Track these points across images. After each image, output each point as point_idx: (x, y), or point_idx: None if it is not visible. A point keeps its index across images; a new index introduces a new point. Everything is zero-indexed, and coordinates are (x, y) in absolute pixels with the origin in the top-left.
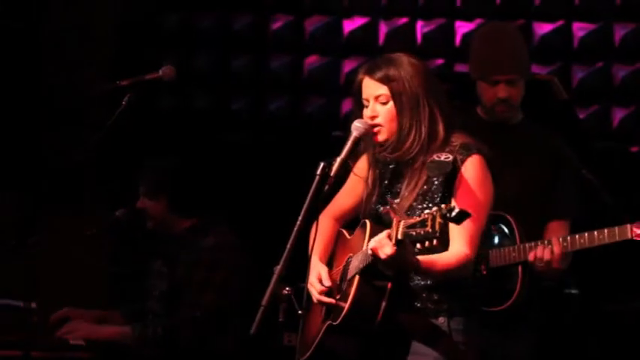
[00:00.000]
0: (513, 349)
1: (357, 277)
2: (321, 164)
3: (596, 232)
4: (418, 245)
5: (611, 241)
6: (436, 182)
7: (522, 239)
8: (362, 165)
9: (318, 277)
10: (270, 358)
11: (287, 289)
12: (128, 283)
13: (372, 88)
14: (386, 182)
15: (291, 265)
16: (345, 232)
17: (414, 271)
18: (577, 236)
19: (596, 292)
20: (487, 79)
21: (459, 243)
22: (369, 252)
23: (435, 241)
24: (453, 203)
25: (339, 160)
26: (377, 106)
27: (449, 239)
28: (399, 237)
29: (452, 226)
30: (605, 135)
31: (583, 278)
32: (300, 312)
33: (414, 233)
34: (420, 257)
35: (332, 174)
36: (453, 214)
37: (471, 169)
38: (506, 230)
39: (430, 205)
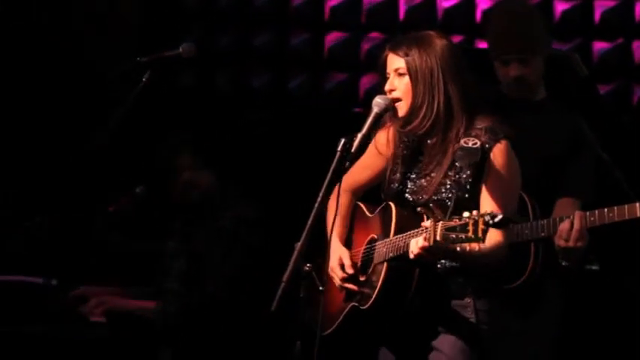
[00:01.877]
0: (535, 328)
1: (385, 265)
2: (342, 140)
3: (606, 210)
4: (458, 248)
5: (621, 219)
6: (466, 170)
7: (536, 215)
8: (382, 140)
9: (339, 262)
10: (290, 335)
11: (308, 265)
12: (146, 261)
13: (393, 62)
14: (408, 161)
15: (312, 241)
16: (363, 207)
17: (453, 259)
18: (606, 210)
19: (617, 268)
20: (499, 57)
21: (493, 230)
22: (409, 252)
23: (477, 247)
24: (484, 195)
25: (359, 136)
26: (395, 79)
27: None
28: (438, 239)
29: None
30: (626, 111)
31: (604, 254)
32: (320, 288)
33: (454, 236)
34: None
35: (353, 150)
36: (496, 220)
37: (500, 156)
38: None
39: (459, 191)
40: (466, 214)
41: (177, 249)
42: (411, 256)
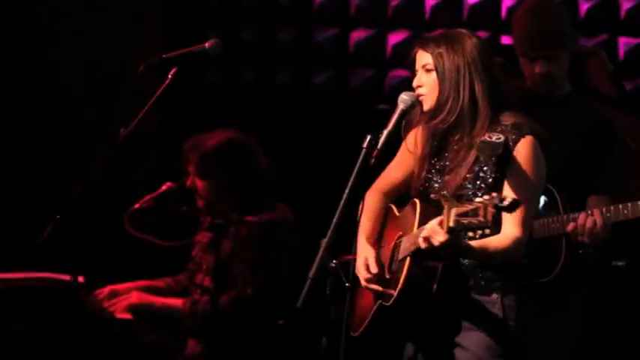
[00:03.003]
0: (562, 324)
1: (407, 260)
2: (368, 137)
3: (621, 206)
4: (470, 233)
5: (635, 217)
6: (488, 164)
7: (566, 210)
8: (411, 140)
9: (365, 262)
10: (317, 332)
11: (334, 262)
12: (175, 256)
13: (421, 58)
14: (433, 159)
15: (338, 238)
16: (394, 207)
17: (466, 256)
18: (620, 206)
19: None
20: (526, 55)
21: (511, 226)
22: (421, 239)
23: (487, 230)
24: (506, 190)
25: (385, 132)
26: (423, 75)
27: (501, 221)
28: (451, 225)
29: None
30: None
31: (630, 250)
32: (347, 285)
33: (465, 222)
34: (472, 242)
35: (379, 147)
36: (505, 203)
37: (524, 151)
38: (548, 201)
39: (482, 186)
40: (478, 199)
41: (208, 244)
42: (423, 245)
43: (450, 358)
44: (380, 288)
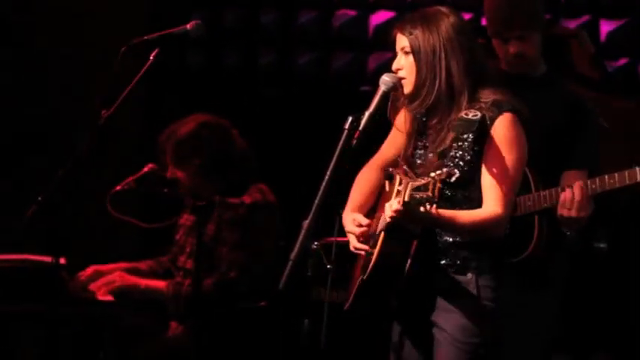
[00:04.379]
0: (537, 304)
1: (382, 234)
2: (350, 118)
3: (607, 176)
4: (421, 208)
5: (622, 185)
6: (466, 142)
7: (538, 188)
8: (401, 119)
9: (354, 222)
10: (299, 313)
11: (316, 243)
12: (158, 238)
13: (399, 41)
14: (418, 138)
15: (320, 219)
16: (387, 183)
17: (432, 224)
18: (606, 177)
19: (626, 246)
20: (497, 35)
21: (490, 201)
22: (386, 212)
23: (434, 206)
24: (484, 167)
25: (367, 114)
26: (402, 58)
27: (478, 197)
28: (406, 199)
29: (484, 185)
30: (633, 89)
31: (612, 232)
32: (328, 266)
33: (417, 196)
34: (441, 211)
35: (360, 128)
36: (453, 179)
37: (501, 127)
38: None
39: (461, 164)
40: (432, 174)
41: (191, 227)
42: (387, 219)
43: (430, 335)
44: (367, 247)
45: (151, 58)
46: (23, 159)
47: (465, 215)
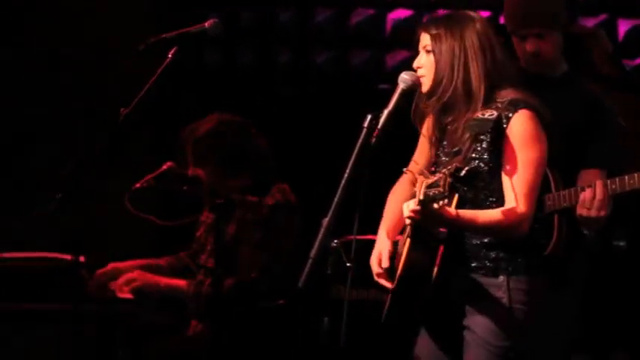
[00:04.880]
0: (557, 304)
1: (407, 241)
2: (369, 117)
3: (626, 177)
4: (434, 205)
5: None
6: (484, 142)
7: (558, 187)
8: (427, 125)
9: (378, 257)
10: (318, 311)
11: (335, 241)
12: (176, 235)
13: (422, 40)
14: (441, 141)
15: (340, 217)
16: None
17: (452, 224)
18: (626, 177)
19: None
20: (516, 33)
21: (511, 200)
22: (405, 214)
23: (445, 201)
24: (505, 167)
25: (386, 112)
26: (423, 57)
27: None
28: (421, 197)
29: (505, 184)
30: None
31: (631, 231)
32: (348, 265)
33: (431, 193)
34: (461, 211)
35: (379, 126)
36: (462, 173)
37: (518, 125)
38: None
39: (481, 164)
40: (444, 170)
41: (211, 225)
42: (407, 221)
43: (458, 338)
44: (389, 284)
45: (169, 56)
46: (23, 159)
47: (486, 215)
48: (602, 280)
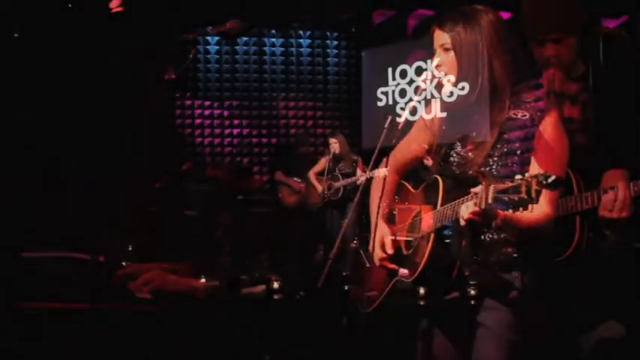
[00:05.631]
0: (571, 300)
1: (432, 235)
2: (389, 118)
3: None
4: (511, 210)
5: None
6: (514, 142)
7: (580, 189)
8: (431, 116)
9: (380, 242)
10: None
11: (355, 242)
12: (197, 237)
13: (439, 38)
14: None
15: (359, 218)
16: (407, 184)
17: (500, 227)
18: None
19: None
20: (533, 38)
21: (542, 202)
22: (460, 218)
23: (530, 207)
24: (534, 166)
25: (403, 118)
26: (442, 55)
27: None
28: (490, 201)
29: None
30: None
31: None
32: (367, 265)
33: (506, 198)
34: (509, 214)
35: (399, 127)
36: (550, 180)
37: (549, 125)
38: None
39: (509, 163)
40: (518, 176)
41: (229, 225)
42: (462, 222)
43: (468, 332)
44: (396, 267)
45: (190, 56)
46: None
47: (523, 217)
48: (623, 282)
